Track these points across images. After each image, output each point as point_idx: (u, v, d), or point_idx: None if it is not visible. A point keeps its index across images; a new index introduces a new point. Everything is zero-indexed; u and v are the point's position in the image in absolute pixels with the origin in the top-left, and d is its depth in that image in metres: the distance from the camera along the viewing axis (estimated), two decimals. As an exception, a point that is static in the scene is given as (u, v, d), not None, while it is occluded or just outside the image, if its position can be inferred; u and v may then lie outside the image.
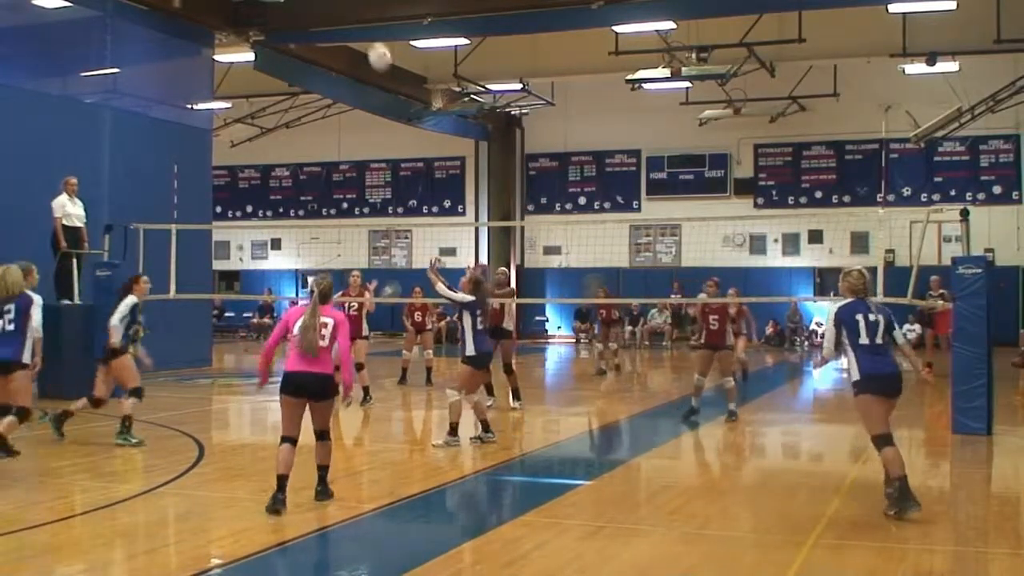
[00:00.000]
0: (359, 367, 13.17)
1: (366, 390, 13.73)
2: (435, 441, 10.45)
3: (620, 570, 6.21)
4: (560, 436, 12.54)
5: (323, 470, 7.82)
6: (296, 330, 7.57)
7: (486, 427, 10.59)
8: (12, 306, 8.86)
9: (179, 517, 7.71)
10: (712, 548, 6.81)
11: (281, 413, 7.61)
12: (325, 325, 7.57)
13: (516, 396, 13.68)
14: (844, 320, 7.67)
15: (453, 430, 10.27)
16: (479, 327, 10.51)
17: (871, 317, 7.66)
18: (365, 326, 14.55)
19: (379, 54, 13.74)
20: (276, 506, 7.33)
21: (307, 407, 7.59)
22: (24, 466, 9.76)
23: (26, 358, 8.89)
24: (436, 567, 6.19)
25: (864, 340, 7.62)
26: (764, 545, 6.86)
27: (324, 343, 7.55)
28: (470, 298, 10.49)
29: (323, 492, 7.78)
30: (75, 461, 9.65)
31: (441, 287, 10.78)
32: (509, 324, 14.37)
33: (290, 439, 7.54)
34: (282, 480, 7.43)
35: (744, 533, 7.29)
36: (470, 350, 10.45)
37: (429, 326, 17.28)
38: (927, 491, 9.03)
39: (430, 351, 16.94)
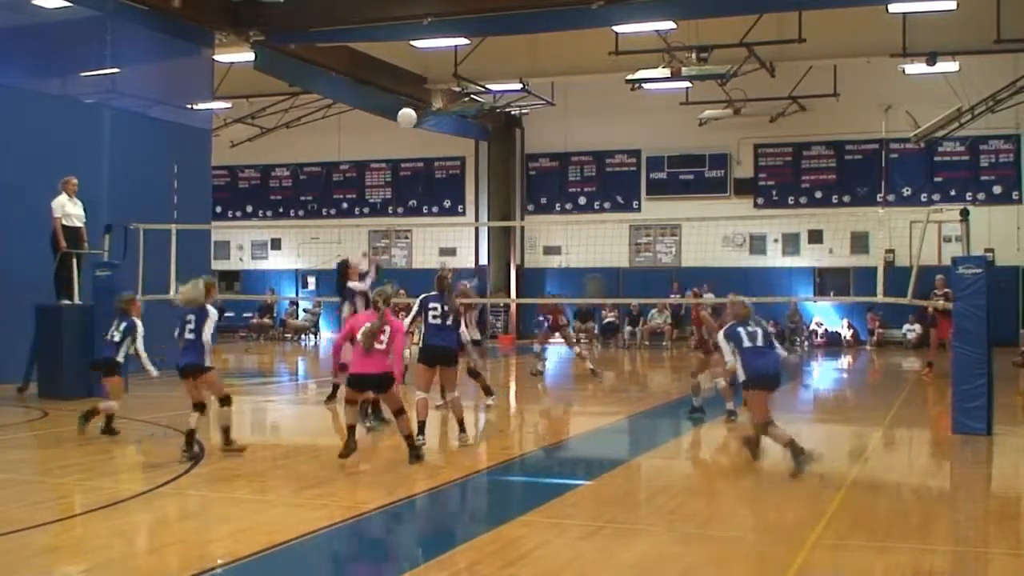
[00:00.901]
0: None
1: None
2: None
3: (620, 570, 6.21)
4: (560, 436, 12.55)
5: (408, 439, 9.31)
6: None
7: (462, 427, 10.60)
8: (193, 317, 9.62)
9: (179, 517, 7.71)
10: (712, 548, 6.81)
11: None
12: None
13: (488, 393, 13.87)
14: (730, 335, 9.41)
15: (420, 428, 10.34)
16: (431, 322, 10.42)
17: (749, 329, 9.36)
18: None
19: (408, 117, 13.97)
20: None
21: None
22: (24, 466, 9.77)
23: (208, 362, 9.74)
24: (436, 567, 6.19)
25: (747, 344, 9.27)
26: (764, 545, 6.86)
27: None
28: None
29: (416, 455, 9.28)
30: (75, 461, 9.65)
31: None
32: (473, 332, 14.42)
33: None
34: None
35: (744, 533, 7.29)
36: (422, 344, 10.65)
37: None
38: (927, 491, 9.04)
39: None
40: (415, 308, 10.54)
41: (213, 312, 9.75)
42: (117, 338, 11.09)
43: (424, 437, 10.00)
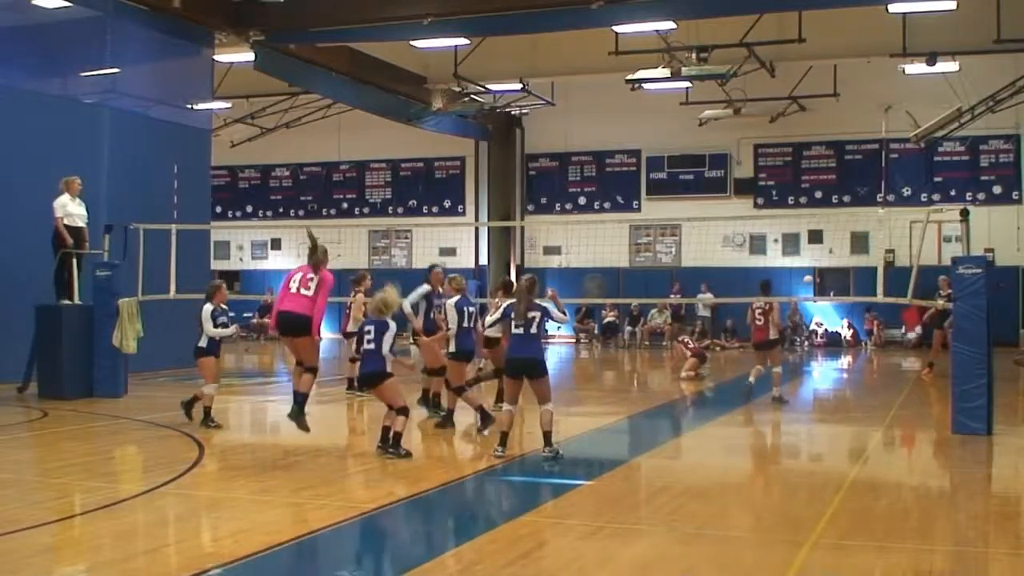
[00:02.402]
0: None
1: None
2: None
3: (620, 570, 6.21)
4: (560, 436, 12.51)
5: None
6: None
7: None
8: (372, 327, 9.69)
9: (179, 517, 7.71)
10: (712, 548, 6.81)
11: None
12: None
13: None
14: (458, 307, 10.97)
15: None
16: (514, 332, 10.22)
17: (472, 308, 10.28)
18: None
19: None
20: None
21: None
22: (24, 466, 9.77)
23: (390, 369, 9.72)
24: (436, 567, 6.19)
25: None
26: (764, 545, 6.86)
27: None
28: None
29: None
30: (75, 461, 9.65)
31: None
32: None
33: None
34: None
35: (744, 533, 7.29)
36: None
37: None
38: (927, 491, 9.04)
39: None
40: (499, 314, 10.48)
41: (393, 325, 9.80)
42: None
43: (502, 449, 9.80)
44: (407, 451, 9.68)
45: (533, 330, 9.87)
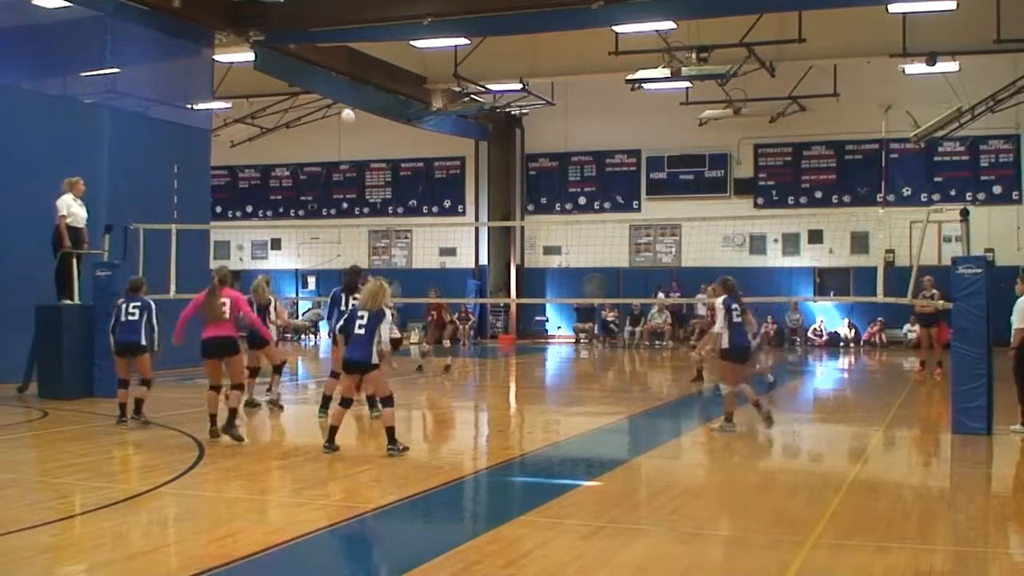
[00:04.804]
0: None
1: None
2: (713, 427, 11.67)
3: (620, 570, 6.21)
4: (560, 436, 12.54)
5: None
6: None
7: None
8: (366, 314, 9.76)
9: (179, 517, 7.71)
10: (712, 548, 6.81)
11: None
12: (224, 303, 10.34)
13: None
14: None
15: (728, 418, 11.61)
16: (735, 321, 11.49)
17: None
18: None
19: (349, 117, 15.93)
20: None
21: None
22: (24, 466, 9.77)
23: (375, 361, 9.74)
24: (436, 567, 6.19)
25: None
26: (764, 545, 6.86)
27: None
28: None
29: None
30: (75, 461, 9.64)
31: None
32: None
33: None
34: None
35: (744, 533, 7.28)
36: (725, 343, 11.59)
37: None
38: (927, 491, 9.04)
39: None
40: (723, 309, 11.43)
41: (388, 315, 9.87)
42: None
43: (733, 424, 11.32)
44: (405, 446, 9.73)
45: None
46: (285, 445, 11.51)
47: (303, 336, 31.25)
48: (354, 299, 11.90)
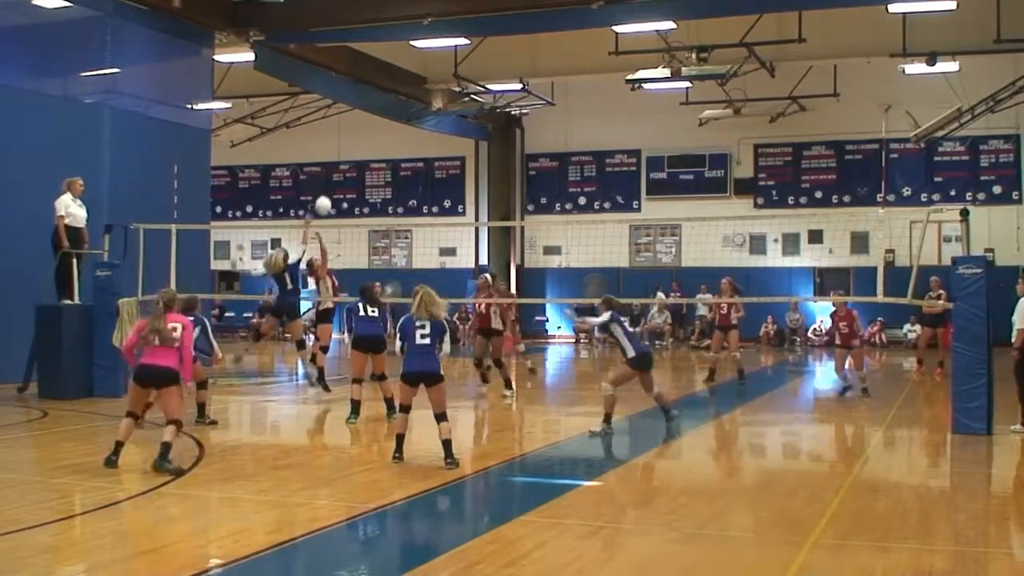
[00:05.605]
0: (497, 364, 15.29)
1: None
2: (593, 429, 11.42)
3: (620, 570, 6.21)
4: (560, 436, 12.55)
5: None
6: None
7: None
8: (428, 324, 9.52)
9: (179, 517, 7.71)
10: (712, 548, 6.81)
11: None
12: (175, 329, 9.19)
13: (508, 386, 15.19)
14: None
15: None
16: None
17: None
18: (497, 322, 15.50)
19: (324, 206, 17.10)
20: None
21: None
22: (24, 466, 9.77)
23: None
24: (436, 567, 6.19)
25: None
26: (764, 545, 6.86)
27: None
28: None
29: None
30: (75, 461, 9.64)
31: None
32: (496, 324, 15.54)
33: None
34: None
35: (744, 533, 7.29)
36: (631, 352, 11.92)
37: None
38: (927, 491, 9.04)
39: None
40: (615, 324, 12.06)
41: (447, 326, 9.88)
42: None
43: (611, 426, 11.38)
44: (455, 461, 9.25)
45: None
46: (285, 445, 11.51)
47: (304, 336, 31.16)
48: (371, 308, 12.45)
